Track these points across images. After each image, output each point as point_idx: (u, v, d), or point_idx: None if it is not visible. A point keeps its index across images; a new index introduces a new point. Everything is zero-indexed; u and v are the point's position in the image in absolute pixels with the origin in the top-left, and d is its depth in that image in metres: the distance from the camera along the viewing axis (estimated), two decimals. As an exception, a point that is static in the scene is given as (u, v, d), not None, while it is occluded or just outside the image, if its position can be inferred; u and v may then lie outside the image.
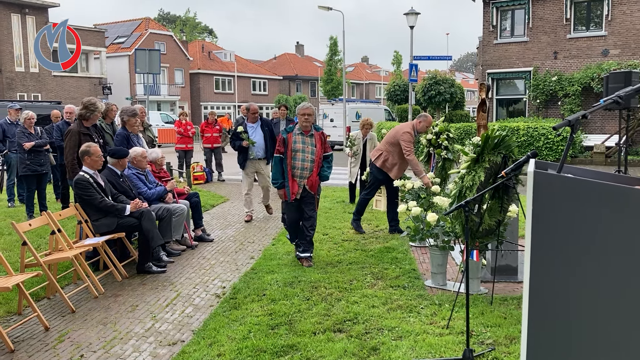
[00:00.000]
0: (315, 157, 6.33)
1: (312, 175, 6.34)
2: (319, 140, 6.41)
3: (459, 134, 18.74)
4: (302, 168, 6.31)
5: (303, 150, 6.30)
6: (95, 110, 6.91)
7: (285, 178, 6.33)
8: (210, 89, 52.78)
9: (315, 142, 6.37)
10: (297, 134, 6.33)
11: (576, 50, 21.74)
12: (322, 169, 6.45)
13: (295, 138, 6.31)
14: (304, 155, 6.30)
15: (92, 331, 4.66)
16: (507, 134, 4.92)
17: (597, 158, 18.54)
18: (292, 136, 6.31)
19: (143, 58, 14.74)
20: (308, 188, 6.36)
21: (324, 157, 6.46)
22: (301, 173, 6.32)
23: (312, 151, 6.33)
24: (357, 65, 71.12)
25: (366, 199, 8.26)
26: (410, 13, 19.66)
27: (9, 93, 32.13)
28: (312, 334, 4.42)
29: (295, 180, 6.32)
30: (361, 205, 8.28)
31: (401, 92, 29.92)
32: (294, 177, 6.31)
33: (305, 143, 6.32)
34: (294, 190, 6.33)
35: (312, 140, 6.36)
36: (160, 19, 69.82)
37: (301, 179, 6.33)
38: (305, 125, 6.30)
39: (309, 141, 6.34)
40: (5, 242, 7.48)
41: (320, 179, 6.46)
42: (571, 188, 2.50)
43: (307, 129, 6.34)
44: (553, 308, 2.55)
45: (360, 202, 8.31)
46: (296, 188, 6.33)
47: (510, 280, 5.75)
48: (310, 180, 6.35)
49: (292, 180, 6.31)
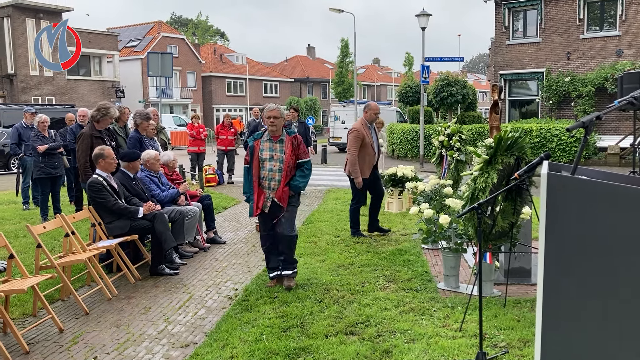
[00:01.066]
0: (283, 165, 5.56)
1: (280, 186, 5.58)
2: (290, 146, 5.62)
3: (471, 136, 18.66)
4: (270, 178, 5.58)
5: (270, 159, 5.59)
6: (107, 114, 6.97)
7: (251, 190, 5.67)
8: (222, 92, 53.00)
9: (284, 149, 5.62)
10: (266, 140, 5.65)
11: (589, 50, 21.57)
12: (293, 178, 5.65)
13: (263, 145, 5.63)
14: (271, 164, 5.58)
15: (106, 333, 4.69)
16: (520, 136, 4.89)
17: (611, 159, 18.36)
18: (259, 143, 5.64)
19: (155, 61, 14.82)
20: (277, 200, 5.59)
21: (297, 164, 5.70)
22: (269, 184, 5.60)
23: (280, 159, 5.58)
24: (368, 67, 71.09)
25: (357, 208, 8.11)
26: (421, 14, 19.61)
27: (23, 97, 32.50)
28: (324, 336, 4.42)
29: (262, 192, 5.62)
30: (354, 215, 8.12)
31: (413, 94, 29.85)
32: (261, 188, 5.62)
33: (274, 150, 5.60)
34: (259, 204, 5.60)
35: (282, 146, 5.62)
36: (172, 23, 70.29)
37: (269, 191, 5.61)
38: (272, 130, 5.60)
39: (277, 148, 5.62)
40: (20, 245, 7.56)
41: (291, 190, 5.64)
42: (585, 190, 2.48)
43: (275, 135, 5.63)
44: (567, 310, 2.53)
45: (352, 212, 8.13)
46: (262, 201, 5.60)
47: (523, 283, 5.71)
48: (279, 191, 5.58)
49: (259, 193, 5.61)
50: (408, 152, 22.77)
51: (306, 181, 5.75)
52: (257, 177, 5.60)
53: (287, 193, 5.61)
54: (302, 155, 5.72)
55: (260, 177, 5.61)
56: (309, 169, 5.76)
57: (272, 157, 5.58)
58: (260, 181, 5.61)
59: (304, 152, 5.74)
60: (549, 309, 2.53)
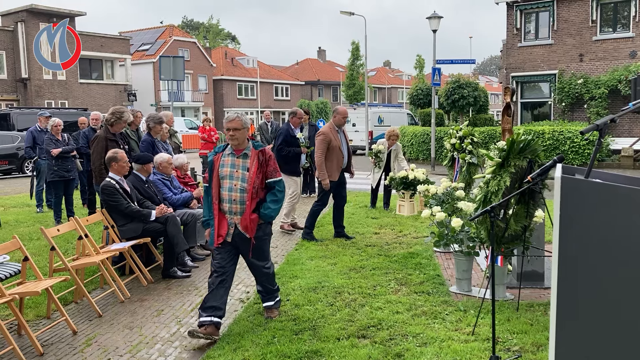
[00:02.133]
0: (247, 185, 4.57)
1: (245, 212, 4.58)
2: (255, 162, 4.61)
3: (483, 138, 18.57)
4: (230, 200, 4.60)
5: (230, 176, 4.61)
6: (121, 117, 7.03)
7: (211, 215, 4.73)
8: (233, 95, 53.20)
9: (248, 165, 4.62)
10: (228, 154, 4.69)
11: (602, 52, 21.40)
12: (263, 205, 4.66)
13: (224, 160, 4.67)
14: (231, 183, 4.60)
15: (119, 335, 4.72)
16: (532, 138, 4.86)
17: (625, 162, 18.21)
18: (219, 158, 4.69)
19: (167, 65, 14.93)
20: (242, 230, 4.62)
21: (267, 185, 4.70)
22: (229, 207, 4.61)
23: (242, 177, 4.60)
24: (379, 70, 71.03)
25: (317, 210, 8.12)
26: (432, 17, 19.58)
27: (37, 100, 32.84)
28: (336, 339, 4.41)
29: (224, 217, 4.66)
30: (312, 216, 8.11)
31: (424, 96, 29.74)
32: (222, 213, 4.66)
33: (235, 166, 4.63)
34: (222, 232, 4.64)
35: (245, 162, 4.63)
36: (183, 26, 70.69)
37: (231, 216, 4.63)
38: (233, 143, 4.65)
39: (239, 163, 4.63)
40: (34, 247, 7.63)
41: (261, 218, 4.67)
42: (600, 193, 2.47)
43: (237, 148, 4.67)
44: (582, 314, 2.51)
45: (311, 213, 8.13)
46: (224, 228, 4.64)
47: (536, 287, 5.67)
48: (244, 219, 4.59)
49: (220, 218, 4.66)
50: (419, 155, 22.72)
51: (279, 207, 4.74)
52: (218, 198, 4.64)
53: (256, 222, 4.63)
54: (272, 173, 4.69)
55: (220, 199, 4.64)
56: (281, 190, 4.73)
57: (232, 174, 4.61)
58: (221, 204, 4.65)
59: (274, 170, 4.71)
60: (563, 312, 2.51)
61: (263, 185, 4.67)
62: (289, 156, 8.69)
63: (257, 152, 4.68)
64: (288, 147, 8.69)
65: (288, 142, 8.73)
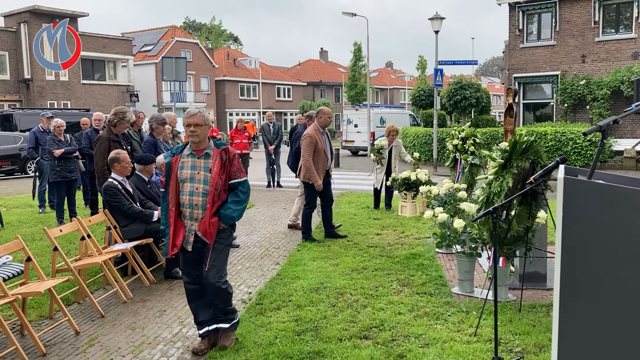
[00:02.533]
0: (209, 187, 4.21)
1: (206, 216, 4.20)
2: (218, 162, 4.25)
3: (486, 139, 18.57)
4: (191, 205, 4.21)
5: (191, 179, 4.22)
6: (123, 118, 7.04)
7: (167, 223, 4.27)
8: (235, 96, 53.26)
9: (210, 165, 4.25)
10: (187, 154, 4.30)
11: (605, 53, 21.38)
12: (224, 205, 4.26)
13: (183, 161, 4.27)
14: (193, 186, 4.21)
15: (121, 336, 4.73)
16: (535, 139, 4.86)
17: (627, 163, 18.18)
18: (178, 160, 4.30)
19: (170, 66, 14.92)
20: (201, 235, 4.23)
21: (230, 186, 4.32)
22: (190, 213, 4.23)
23: (204, 179, 4.22)
24: (381, 71, 71.05)
25: (309, 213, 8.11)
26: (435, 18, 19.58)
27: (39, 101, 32.91)
28: (338, 340, 4.41)
29: (182, 224, 4.27)
30: (306, 220, 8.11)
31: (426, 97, 29.74)
32: (181, 219, 4.28)
33: (196, 167, 4.25)
34: (177, 241, 4.24)
35: (207, 162, 4.26)
36: (186, 27, 70.78)
37: (191, 222, 4.25)
38: (193, 141, 4.27)
39: (201, 164, 4.25)
40: (36, 248, 7.64)
41: (221, 221, 4.26)
42: (602, 194, 2.47)
43: (198, 148, 4.29)
44: (584, 316, 2.51)
45: (304, 217, 8.12)
46: (181, 237, 4.24)
47: (539, 288, 5.66)
48: (203, 222, 4.20)
49: (177, 225, 4.25)
50: (421, 156, 22.72)
51: (241, 208, 4.33)
52: (176, 204, 4.25)
53: (216, 225, 4.24)
54: (235, 173, 4.31)
55: (180, 204, 4.26)
56: (245, 191, 4.34)
57: (193, 176, 4.22)
58: (180, 209, 4.27)
59: (238, 170, 4.33)
60: (565, 313, 2.51)
61: (226, 186, 4.30)
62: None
63: (219, 152, 4.30)
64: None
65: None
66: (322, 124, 8.00)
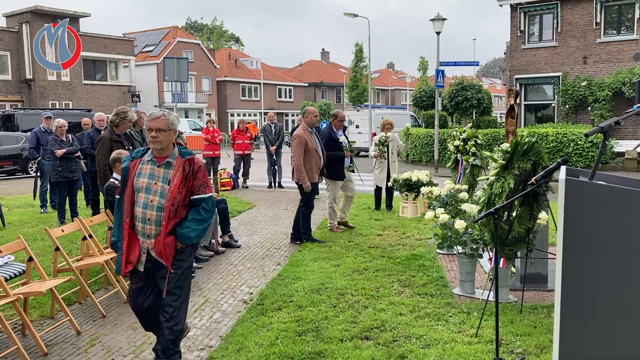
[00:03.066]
0: (165, 201, 3.66)
1: (160, 234, 3.67)
2: (180, 174, 3.71)
3: (487, 140, 18.56)
4: (144, 219, 3.69)
5: (147, 189, 3.69)
6: (125, 118, 7.05)
7: (120, 235, 3.77)
8: (236, 96, 53.29)
9: (170, 176, 3.70)
10: (147, 161, 3.78)
11: (606, 54, 21.37)
12: (183, 223, 3.71)
13: (141, 168, 3.76)
14: (147, 198, 3.68)
15: (122, 336, 4.73)
16: (536, 141, 4.86)
17: (628, 164, 18.17)
18: (137, 165, 3.78)
19: (171, 66, 14.94)
20: (155, 255, 3.70)
21: (192, 201, 3.76)
22: (143, 228, 3.71)
23: (161, 191, 3.68)
24: (382, 72, 71.06)
25: (307, 214, 8.08)
26: (436, 19, 19.58)
27: (41, 101, 32.95)
28: (339, 341, 4.42)
29: (136, 240, 3.74)
30: (305, 220, 8.06)
31: (427, 98, 29.78)
32: (135, 234, 3.74)
33: (154, 177, 3.71)
34: (131, 257, 3.72)
35: (167, 173, 3.72)
36: (187, 28, 70.84)
37: (144, 239, 3.72)
38: (154, 147, 3.73)
39: (160, 174, 3.72)
40: (38, 247, 7.65)
41: (178, 240, 3.70)
42: (604, 195, 2.47)
43: (160, 155, 3.76)
44: (586, 317, 2.51)
45: (303, 217, 8.07)
46: (135, 254, 3.72)
47: (540, 289, 5.66)
48: (158, 242, 3.67)
49: (132, 238, 3.73)
50: (423, 157, 22.72)
51: (202, 228, 3.74)
52: (130, 215, 3.72)
53: (172, 246, 3.69)
54: (199, 188, 3.76)
55: (134, 217, 3.73)
56: (208, 209, 3.78)
57: (149, 187, 3.69)
58: (134, 223, 3.74)
59: (203, 184, 3.78)
60: (567, 315, 2.51)
61: (187, 202, 3.75)
62: (332, 160, 8.48)
63: (183, 162, 3.74)
64: (330, 150, 8.43)
65: (330, 145, 8.47)
66: (309, 123, 8.03)
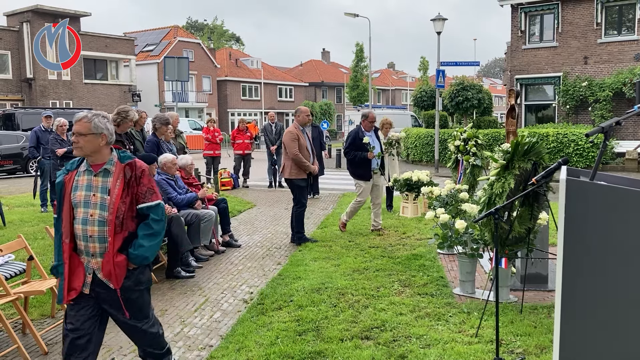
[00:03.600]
0: (107, 214, 3.22)
1: (108, 253, 3.22)
2: (121, 181, 3.27)
3: (487, 140, 18.55)
4: (85, 237, 3.23)
5: (85, 203, 3.24)
6: (126, 117, 7.04)
7: (60, 259, 3.29)
8: (237, 96, 53.28)
9: (109, 185, 3.26)
10: (83, 171, 3.31)
11: (607, 55, 21.37)
12: (135, 243, 3.28)
13: (78, 180, 3.29)
14: (87, 212, 3.23)
15: (123, 335, 4.70)
16: (537, 141, 4.86)
17: (629, 165, 18.17)
18: (73, 178, 3.30)
19: (172, 66, 14.94)
20: (103, 278, 3.25)
21: (139, 211, 3.31)
22: (85, 247, 3.25)
23: (101, 203, 3.23)
24: (383, 72, 71.06)
25: (301, 212, 8.07)
26: (437, 19, 19.57)
27: (42, 100, 32.95)
28: (339, 340, 4.42)
29: (79, 261, 3.28)
30: (298, 220, 8.06)
31: (428, 98, 29.77)
32: (77, 255, 3.28)
33: (92, 188, 3.25)
34: (75, 283, 3.25)
35: (106, 181, 3.27)
36: (188, 27, 70.84)
37: (88, 259, 3.26)
38: (76, 154, 3.31)
39: (98, 184, 3.26)
40: (39, 247, 7.65)
41: (131, 262, 3.28)
42: (605, 196, 2.47)
43: (94, 162, 3.30)
44: (586, 317, 2.51)
45: (297, 217, 8.06)
46: (80, 277, 3.25)
47: (540, 289, 5.66)
48: (107, 262, 3.22)
49: (74, 261, 3.27)
50: (423, 157, 22.71)
51: (156, 244, 3.33)
52: (70, 235, 3.25)
53: (124, 266, 3.26)
54: (144, 195, 3.32)
55: (75, 236, 3.27)
56: (158, 219, 3.34)
57: (88, 200, 3.24)
58: (76, 242, 3.27)
59: (149, 191, 3.34)
60: (567, 315, 2.51)
61: (134, 212, 3.31)
62: (355, 160, 8.46)
63: (123, 167, 3.30)
64: (356, 150, 8.42)
65: (357, 145, 8.42)
66: (301, 122, 8.08)
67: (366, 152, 8.39)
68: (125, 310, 3.31)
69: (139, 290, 3.37)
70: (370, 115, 8.68)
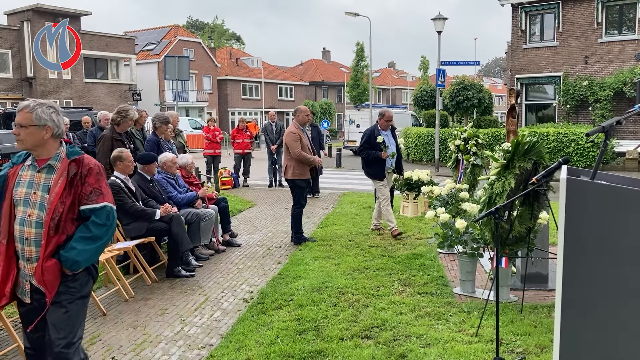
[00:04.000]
0: (45, 214, 2.93)
1: (40, 256, 2.93)
2: (64, 179, 2.97)
3: (488, 140, 18.54)
4: (22, 239, 2.97)
5: (25, 201, 2.96)
6: (126, 116, 7.05)
7: None
8: (237, 95, 53.27)
9: (51, 183, 2.96)
10: (28, 166, 3.04)
11: (607, 54, 21.36)
12: (68, 244, 2.95)
13: (21, 176, 3.02)
14: (25, 212, 2.95)
15: (123, 334, 4.74)
16: (537, 140, 4.86)
17: (629, 164, 18.17)
18: (16, 172, 3.05)
19: (172, 65, 14.94)
20: (36, 283, 2.98)
21: (81, 213, 3.00)
22: (22, 250, 2.98)
23: (40, 202, 2.94)
24: (383, 71, 71.04)
25: (299, 212, 8.05)
26: (437, 18, 19.56)
27: (42, 99, 32.88)
28: (339, 340, 4.42)
29: (14, 266, 3.02)
30: (296, 220, 8.03)
31: (428, 98, 29.78)
32: (17, 258, 3.02)
33: (34, 185, 2.97)
34: (5, 288, 3.00)
35: (49, 178, 2.98)
36: (188, 26, 70.84)
37: (25, 264, 3.00)
38: (18, 147, 3.05)
39: (40, 181, 2.98)
40: (38, 246, 7.65)
41: (63, 265, 2.95)
42: (605, 195, 2.47)
43: (39, 157, 3.02)
44: (586, 317, 2.51)
45: (295, 217, 8.04)
46: (10, 281, 3.00)
47: (540, 289, 5.66)
48: (38, 266, 2.93)
49: (8, 264, 3.00)
50: (423, 156, 22.71)
51: (93, 248, 2.99)
52: (7, 235, 2.99)
53: (56, 271, 2.95)
54: (89, 196, 3.00)
55: (15, 238, 3.00)
56: (101, 224, 3.00)
57: (28, 198, 2.96)
58: (15, 244, 3.01)
59: (95, 191, 3.01)
60: (567, 314, 2.51)
61: (75, 215, 2.99)
62: (368, 159, 8.37)
63: (68, 162, 2.99)
64: (370, 149, 8.30)
65: (371, 144, 8.29)
66: (300, 121, 8.06)
67: (380, 151, 8.27)
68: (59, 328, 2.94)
69: (75, 297, 3.02)
70: (387, 114, 8.46)
